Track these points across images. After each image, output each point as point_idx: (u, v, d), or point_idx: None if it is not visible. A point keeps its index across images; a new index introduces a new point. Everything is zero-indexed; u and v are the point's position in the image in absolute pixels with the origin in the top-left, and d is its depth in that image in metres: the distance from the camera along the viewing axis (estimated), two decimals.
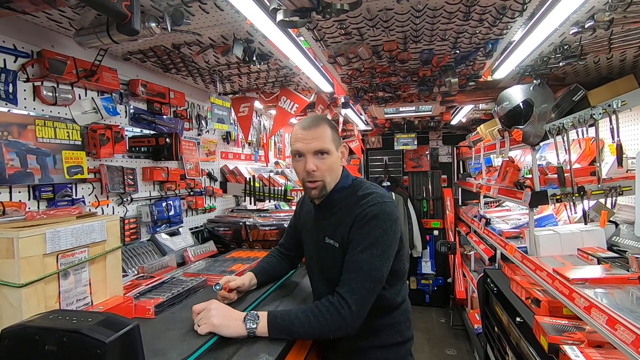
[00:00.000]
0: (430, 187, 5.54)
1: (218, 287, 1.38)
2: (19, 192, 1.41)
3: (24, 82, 1.43)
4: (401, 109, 3.78)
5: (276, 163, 3.84)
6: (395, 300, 1.33)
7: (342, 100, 3.05)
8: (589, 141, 2.40)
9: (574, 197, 1.99)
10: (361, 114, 3.93)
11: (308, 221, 1.49)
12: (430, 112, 3.88)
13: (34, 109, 1.48)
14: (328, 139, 1.30)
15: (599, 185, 1.96)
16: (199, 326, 1.14)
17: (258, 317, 1.15)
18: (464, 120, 4.26)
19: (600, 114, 1.86)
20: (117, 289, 1.30)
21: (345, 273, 1.19)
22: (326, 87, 2.51)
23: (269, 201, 2.98)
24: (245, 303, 1.42)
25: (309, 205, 1.51)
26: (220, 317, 1.14)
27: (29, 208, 1.43)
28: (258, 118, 3.48)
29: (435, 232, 5.37)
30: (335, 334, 1.15)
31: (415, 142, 4.94)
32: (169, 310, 1.36)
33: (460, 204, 4.91)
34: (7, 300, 0.98)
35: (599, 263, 1.74)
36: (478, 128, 3.52)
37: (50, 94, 1.51)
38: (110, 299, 1.25)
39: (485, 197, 3.60)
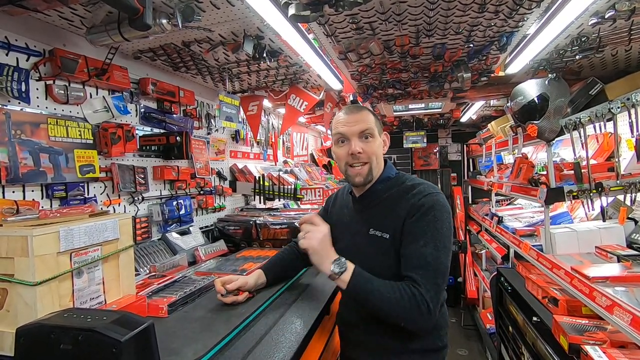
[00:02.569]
0: (439, 185, 5.49)
1: (225, 293, 1.35)
2: (32, 190, 1.42)
3: (37, 80, 1.43)
4: (410, 107, 3.74)
5: (285, 162, 3.83)
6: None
7: (351, 98, 3.02)
8: (607, 136, 2.35)
9: (591, 194, 1.94)
10: None
11: (344, 215, 1.44)
12: (440, 109, 3.83)
13: (46, 107, 1.48)
14: (372, 123, 1.29)
15: (618, 181, 1.91)
16: (303, 237, 1.18)
17: (346, 267, 1.16)
18: (474, 117, 4.21)
19: (618, 107, 1.81)
20: (130, 287, 1.29)
21: (411, 269, 1.14)
22: (335, 85, 2.49)
23: (279, 200, 2.97)
24: (252, 305, 1.36)
25: (345, 199, 1.48)
26: (321, 245, 1.20)
27: (42, 207, 1.43)
28: (266, 117, 3.47)
29: None
30: (407, 324, 1.13)
31: (425, 140, 4.90)
32: (182, 309, 1.35)
33: (470, 202, 4.85)
34: (21, 298, 0.97)
35: (619, 261, 1.69)
36: (489, 125, 3.47)
37: (62, 92, 1.51)
38: (123, 298, 1.24)
39: (496, 195, 3.55)
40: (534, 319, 1.84)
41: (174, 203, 2.12)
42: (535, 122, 2.06)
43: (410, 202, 1.21)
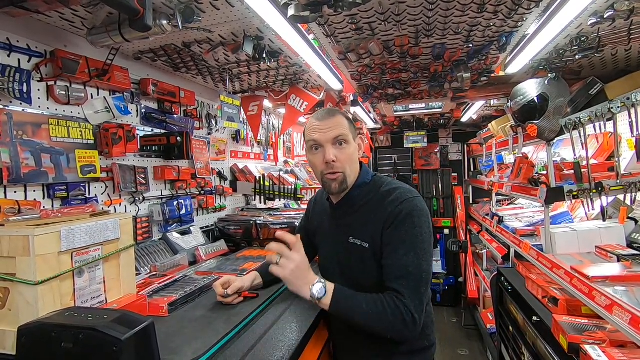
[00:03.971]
0: (440, 185, 5.49)
1: (226, 294, 1.36)
2: (34, 191, 1.43)
3: (38, 81, 1.44)
4: (411, 107, 3.74)
5: (285, 162, 3.83)
6: None
7: (351, 98, 3.02)
8: (607, 136, 2.34)
9: (591, 193, 1.94)
10: (370, 112, 3.90)
11: (324, 222, 1.43)
12: (440, 109, 3.83)
13: (48, 108, 1.49)
14: (345, 128, 1.25)
15: (618, 181, 1.91)
16: (276, 263, 1.15)
17: (325, 290, 1.14)
18: (474, 117, 4.21)
19: (618, 107, 1.81)
20: (131, 287, 1.29)
21: (394, 280, 1.14)
22: (336, 85, 2.50)
23: (279, 200, 2.97)
24: (252, 305, 1.38)
25: (323, 204, 1.45)
26: (294, 274, 1.15)
27: (44, 207, 1.44)
28: (267, 117, 3.48)
29: (446, 231, 5.31)
30: (394, 337, 1.13)
31: (425, 140, 4.90)
32: (182, 309, 1.36)
33: (471, 202, 4.85)
34: (23, 297, 0.98)
35: (618, 260, 1.69)
36: (489, 125, 3.47)
37: (64, 93, 1.52)
38: (124, 297, 1.25)
39: (497, 194, 3.55)
40: (534, 318, 1.84)
41: (175, 203, 2.13)
42: (535, 122, 2.06)
43: (388, 210, 1.19)
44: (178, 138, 2.03)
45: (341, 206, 1.34)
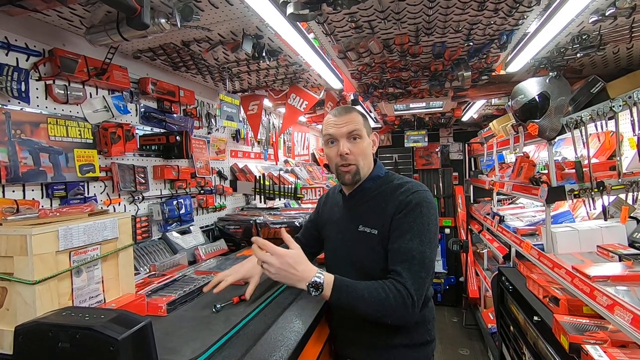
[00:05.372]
0: (441, 184, 5.48)
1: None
2: (32, 190, 1.42)
3: (36, 80, 1.44)
4: (411, 106, 3.73)
5: (285, 161, 3.83)
6: (426, 296, 1.28)
7: (351, 97, 3.02)
8: (608, 135, 2.33)
9: (592, 193, 1.93)
10: (370, 112, 3.89)
11: (335, 213, 1.49)
12: (441, 109, 3.82)
13: (46, 107, 1.48)
14: (360, 124, 1.34)
15: (619, 180, 1.89)
16: (262, 264, 1.14)
17: (323, 283, 1.12)
18: (475, 116, 4.20)
19: (620, 106, 1.79)
20: (130, 286, 1.29)
21: (397, 263, 1.17)
22: (336, 84, 2.49)
23: (279, 199, 2.97)
24: (251, 304, 1.37)
25: (335, 198, 1.52)
26: (282, 271, 1.13)
27: (42, 206, 1.44)
28: (267, 117, 3.47)
29: (447, 231, 5.29)
30: (395, 321, 1.15)
31: (426, 139, 4.89)
32: (181, 308, 1.35)
33: (472, 201, 4.84)
34: (21, 297, 0.98)
35: (620, 260, 1.68)
36: (490, 124, 3.45)
37: (62, 92, 1.51)
38: (122, 297, 1.24)
39: (498, 194, 3.54)
40: (535, 318, 1.83)
41: (174, 202, 2.13)
42: (536, 120, 2.05)
43: (399, 199, 1.25)
44: (177, 137, 2.02)
45: (353, 196, 1.40)
